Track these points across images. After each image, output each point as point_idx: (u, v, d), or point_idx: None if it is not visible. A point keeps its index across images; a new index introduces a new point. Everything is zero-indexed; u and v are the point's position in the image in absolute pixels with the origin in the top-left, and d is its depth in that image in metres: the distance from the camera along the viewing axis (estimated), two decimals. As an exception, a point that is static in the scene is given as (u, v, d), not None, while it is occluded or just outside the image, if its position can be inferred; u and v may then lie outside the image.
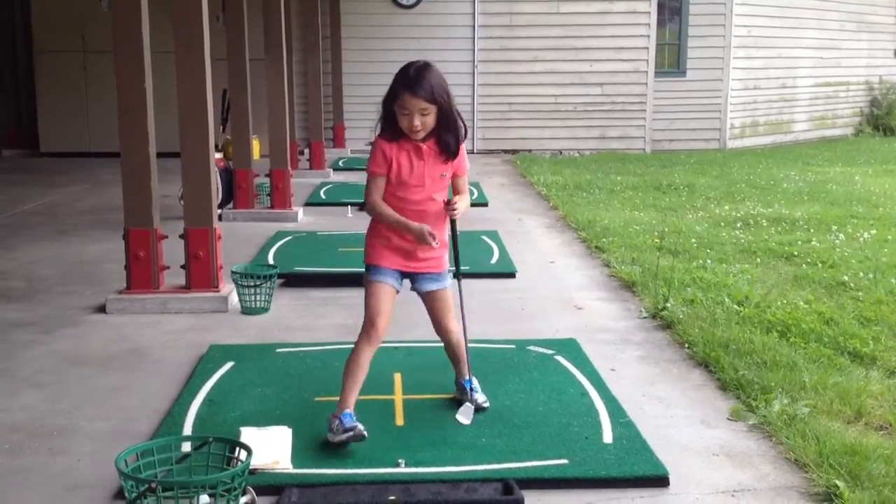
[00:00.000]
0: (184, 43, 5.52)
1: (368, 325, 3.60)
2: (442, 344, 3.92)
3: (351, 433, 3.39)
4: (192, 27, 5.50)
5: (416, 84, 3.43)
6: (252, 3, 8.82)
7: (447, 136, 3.58)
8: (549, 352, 4.69)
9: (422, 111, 3.47)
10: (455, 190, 3.76)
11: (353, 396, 3.56)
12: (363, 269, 3.75)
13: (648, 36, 15.11)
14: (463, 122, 3.62)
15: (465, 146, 3.68)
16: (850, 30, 18.45)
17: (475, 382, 3.91)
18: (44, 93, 14.24)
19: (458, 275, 3.84)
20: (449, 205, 3.63)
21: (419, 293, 3.78)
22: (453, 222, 3.72)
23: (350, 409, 3.51)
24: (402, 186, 3.60)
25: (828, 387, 4.12)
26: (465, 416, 3.69)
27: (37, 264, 6.82)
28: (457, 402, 3.87)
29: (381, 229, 3.65)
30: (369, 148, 3.72)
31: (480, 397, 3.86)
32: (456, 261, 3.82)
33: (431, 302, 3.78)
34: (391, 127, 3.56)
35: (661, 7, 15.45)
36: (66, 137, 14.19)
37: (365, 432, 3.40)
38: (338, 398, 3.56)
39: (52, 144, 14.23)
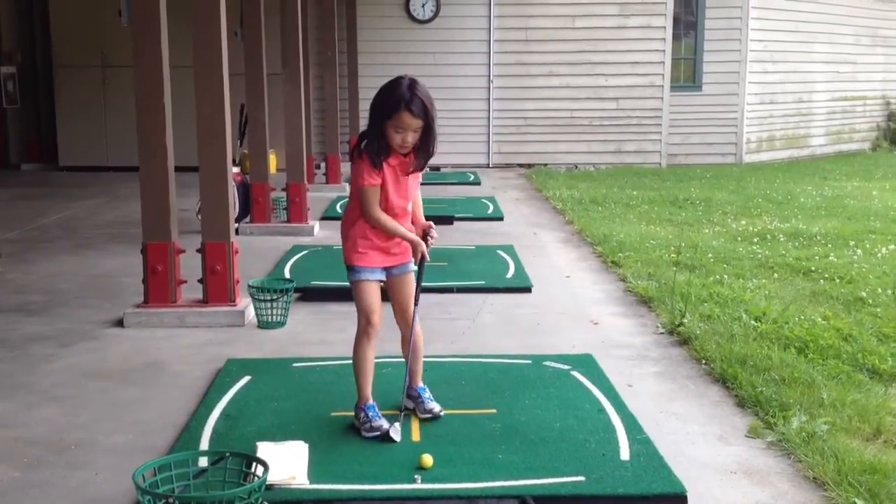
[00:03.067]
0: (202, 58, 5.57)
1: (366, 323, 3.80)
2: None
3: (378, 433, 3.65)
4: (211, 42, 5.55)
5: (416, 103, 3.52)
6: (270, 18, 8.89)
7: (427, 151, 3.68)
8: (566, 367, 4.67)
9: (415, 129, 3.58)
10: (414, 203, 3.87)
11: (369, 388, 3.82)
12: None
13: (664, 50, 15.10)
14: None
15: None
16: (865, 44, 18.40)
17: (427, 391, 3.98)
18: (63, 107, 14.37)
19: (418, 296, 3.92)
20: (428, 234, 3.81)
21: (388, 279, 3.88)
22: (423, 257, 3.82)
23: (371, 401, 3.80)
24: (385, 199, 3.71)
25: (846, 404, 4.09)
26: (396, 433, 3.69)
27: (55, 278, 6.86)
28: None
29: (366, 232, 3.74)
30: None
31: (435, 406, 3.92)
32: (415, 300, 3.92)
33: (399, 285, 3.88)
34: (379, 141, 3.62)
35: (676, 21, 15.46)
36: (84, 152, 14.29)
37: (392, 434, 3.62)
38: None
39: (71, 158, 14.32)
